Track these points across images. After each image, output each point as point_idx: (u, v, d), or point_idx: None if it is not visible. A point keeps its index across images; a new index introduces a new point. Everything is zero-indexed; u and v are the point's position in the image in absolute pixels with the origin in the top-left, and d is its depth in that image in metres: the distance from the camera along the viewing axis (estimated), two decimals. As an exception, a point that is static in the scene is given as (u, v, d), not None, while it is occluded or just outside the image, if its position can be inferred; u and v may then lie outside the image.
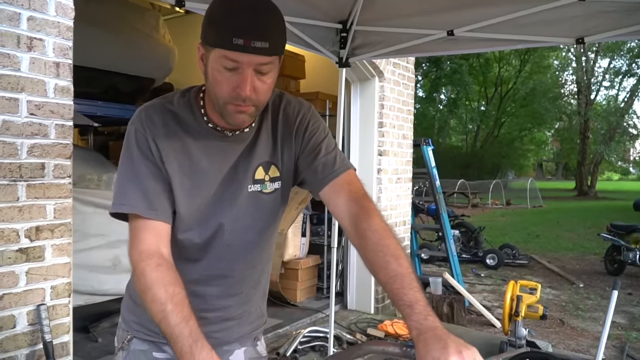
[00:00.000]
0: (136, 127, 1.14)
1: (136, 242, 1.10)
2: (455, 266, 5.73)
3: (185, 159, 1.16)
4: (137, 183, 1.12)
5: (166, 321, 0.99)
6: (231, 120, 1.12)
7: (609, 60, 31.06)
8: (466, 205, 19.47)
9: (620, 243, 7.50)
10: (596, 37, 2.68)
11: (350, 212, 1.14)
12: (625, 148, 34.35)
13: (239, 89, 1.05)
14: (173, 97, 1.20)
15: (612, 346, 4.59)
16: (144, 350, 1.27)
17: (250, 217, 1.23)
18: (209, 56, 1.05)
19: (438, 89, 34.17)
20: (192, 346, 0.95)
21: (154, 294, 1.02)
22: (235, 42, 1.00)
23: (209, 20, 1.04)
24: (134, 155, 1.13)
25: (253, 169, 1.21)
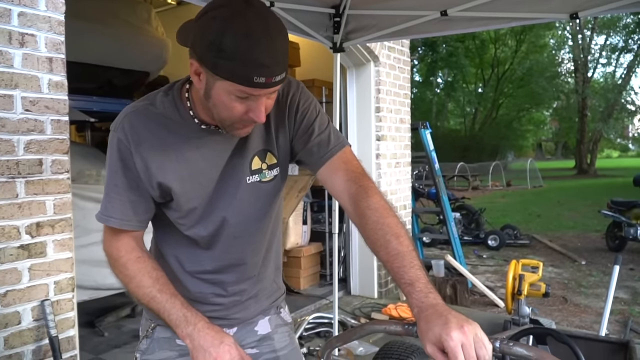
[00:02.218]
0: (119, 136, 1.12)
1: (114, 240, 1.17)
2: (457, 248, 5.74)
3: (177, 162, 1.14)
4: (115, 195, 1.14)
5: (155, 300, 1.09)
6: (236, 133, 1.12)
7: (605, 37, 30.91)
8: (466, 187, 19.47)
9: (621, 219, 7.51)
10: (590, 12, 2.66)
11: (349, 191, 1.14)
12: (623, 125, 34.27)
13: (252, 114, 1.03)
14: (155, 97, 1.16)
15: (615, 321, 4.61)
16: (167, 337, 1.30)
17: (253, 208, 1.23)
18: (213, 82, 1.00)
19: (434, 72, 34.04)
20: (186, 315, 1.06)
21: (139, 281, 1.12)
22: (256, 81, 0.96)
23: (219, 49, 0.93)
24: (114, 166, 1.14)
25: (249, 160, 1.19)
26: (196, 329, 1.05)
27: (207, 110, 1.10)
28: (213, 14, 0.96)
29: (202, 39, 0.96)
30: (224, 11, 0.95)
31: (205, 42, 0.95)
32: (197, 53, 0.99)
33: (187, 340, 1.06)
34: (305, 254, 5.37)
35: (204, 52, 0.97)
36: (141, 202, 1.16)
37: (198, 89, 1.06)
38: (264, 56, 0.94)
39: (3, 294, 2.19)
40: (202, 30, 0.96)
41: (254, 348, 1.37)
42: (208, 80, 1.01)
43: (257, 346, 1.38)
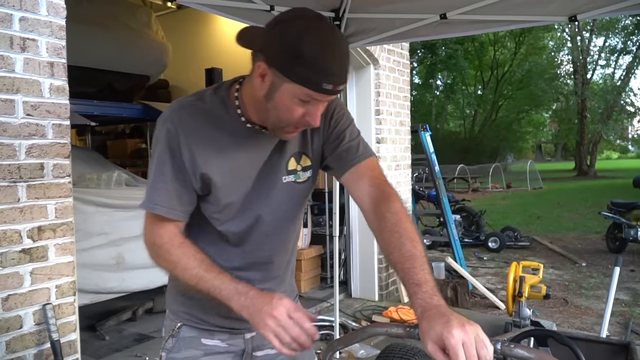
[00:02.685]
0: (168, 127, 1.16)
1: (157, 228, 1.18)
2: (458, 250, 5.75)
3: (221, 157, 1.19)
4: (162, 184, 1.17)
5: (203, 280, 1.10)
6: (284, 137, 1.19)
7: (604, 38, 30.95)
8: (466, 189, 19.48)
9: (621, 221, 7.51)
10: (588, 14, 2.68)
11: (371, 196, 1.21)
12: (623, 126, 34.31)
13: (309, 117, 1.11)
14: (204, 94, 1.22)
15: (616, 323, 4.61)
16: (192, 336, 1.35)
17: (286, 207, 1.29)
18: (281, 84, 1.06)
19: (434, 74, 34.06)
20: (236, 287, 1.07)
21: (185, 264, 1.13)
22: (324, 87, 1.04)
23: (297, 55, 1.01)
24: (162, 157, 1.17)
25: (286, 161, 1.26)
26: (249, 298, 1.06)
27: (258, 111, 1.17)
28: (291, 23, 1.04)
29: (278, 44, 1.03)
30: (302, 22, 1.03)
31: (282, 47, 1.02)
32: (268, 56, 1.05)
33: (244, 311, 1.06)
34: (306, 257, 5.38)
35: (278, 56, 1.03)
36: (186, 193, 1.19)
37: (256, 90, 1.12)
38: (334, 65, 1.03)
39: (5, 298, 2.20)
40: (279, 36, 1.03)
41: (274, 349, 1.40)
42: (274, 82, 1.07)
43: None
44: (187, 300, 1.36)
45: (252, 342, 1.40)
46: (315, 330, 1.02)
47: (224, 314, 1.32)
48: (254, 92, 1.13)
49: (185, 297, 1.36)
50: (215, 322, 1.35)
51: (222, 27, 7.22)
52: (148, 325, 4.36)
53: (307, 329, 1.02)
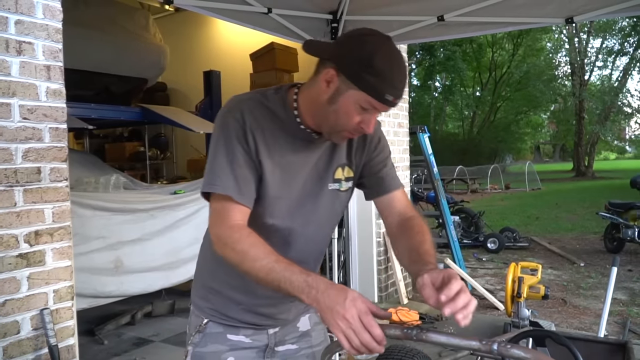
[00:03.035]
0: (236, 117, 1.23)
1: (225, 219, 1.20)
2: (457, 251, 5.75)
3: (277, 153, 1.27)
4: (230, 168, 1.21)
5: (274, 271, 1.11)
6: (337, 140, 1.30)
7: (601, 40, 31.00)
8: (465, 191, 19.49)
9: (618, 221, 7.52)
10: (585, 16, 2.68)
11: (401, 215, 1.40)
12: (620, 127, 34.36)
13: (364, 125, 1.21)
14: (267, 92, 1.30)
15: (614, 322, 4.62)
16: (219, 332, 1.41)
17: (328, 212, 1.39)
18: (346, 90, 1.16)
19: (432, 76, 34.10)
20: (307, 280, 1.07)
21: (255, 254, 1.14)
22: (386, 98, 1.15)
23: (368, 65, 1.12)
24: (230, 142, 1.22)
25: (333, 169, 1.36)
26: (319, 292, 1.05)
27: (315, 115, 1.26)
28: (366, 38, 1.16)
29: (351, 54, 1.14)
30: (377, 38, 1.16)
31: (356, 57, 1.14)
32: (338, 64, 1.16)
33: (315, 304, 1.06)
34: (305, 259, 5.38)
35: (350, 64, 1.14)
36: (251, 181, 1.24)
37: (319, 94, 1.21)
38: (398, 80, 1.15)
39: (2, 303, 2.19)
40: (353, 47, 1.15)
41: (294, 344, 1.50)
42: (340, 87, 1.17)
43: (297, 342, 1.51)
44: (212, 297, 1.41)
45: (275, 337, 1.47)
46: (383, 336, 1.02)
47: (248, 310, 1.40)
48: (316, 96, 1.22)
49: (211, 294, 1.42)
50: (239, 318, 1.41)
51: (220, 30, 7.23)
52: (147, 329, 4.35)
53: (376, 336, 1.02)
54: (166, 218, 4.22)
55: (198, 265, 1.51)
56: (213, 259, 1.37)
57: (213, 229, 1.22)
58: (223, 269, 1.36)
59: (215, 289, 1.42)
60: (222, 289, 1.41)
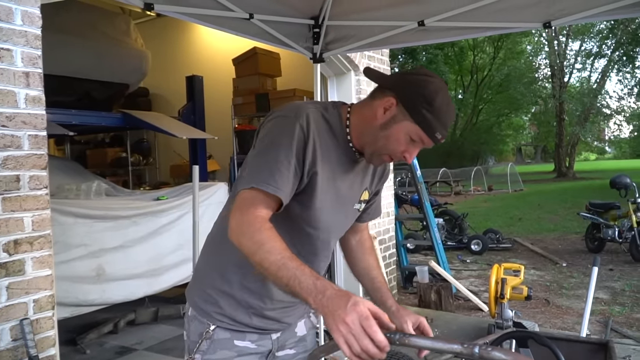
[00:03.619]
0: (300, 123, 1.28)
1: (251, 208, 1.21)
2: (441, 254, 5.78)
3: (328, 167, 1.34)
4: (275, 165, 1.23)
5: (286, 267, 1.11)
6: (375, 162, 1.40)
7: (580, 42, 31.51)
8: (449, 193, 19.63)
9: (599, 221, 7.64)
10: (562, 21, 2.72)
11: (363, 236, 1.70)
12: (600, 128, 34.91)
13: (407, 154, 1.32)
14: (327, 106, 1.38)
15: (596, 322, 4.68)
16: (227, 338, 1.42)
17: (345, 226, 1.52)
18: (401, 120, 1.27)
19: (415, 79, 34.32)
20: (315, 283, 1.07)
21: (271, 247, 1.14)
22: (436, 135, 1.27)
23: (429, 103, 1.24)
24: (286, 144, 1.26)
25: (362, 191, 1.48)
26: (325, 297, 1.05)
27: (362, 135, 1.35)
28: (428, 78, 1.27)
29: (414, 90, 1.26)
30: (437, 81, 1.28)
31: (419, 93, 1.25)
32: (399, 95, 1.27)
33: (320, 309, 1.06)
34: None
35: (412, 98, 1.25)
36: (293, 183, 1.27)
37: (374, 118, 1.31)
38: (449, 122, 1.28)
39: (-19, 313, 2.15)
40: (417, 84, 1.26)
41: (292, 349, 1.56)
42: (396, 116, 1.28)
43: (295, 347, 1.56)
44: (222, 300, 1.41)
45: (277, 342, 1.51)
46: (386, 343, 0.99)
47: (257, 315, 1.42)
48: (370, 118, 1.32)
49: (221, 297, 1.42)
50: (247, 322, 1.42)
51: (202, 35, 7.21)
52: (130, 338, 4.31)
53: (378, 341, 0.99)
54: (149, 224, 4.18)
55: (203, 269, 1.50)
56: (228, 262, 1.41)
57: (235, 215, 1.21)
58: (240, 271, 1.39)
59: (228, 292, 1.41)
60: (236, 292, 1.41)
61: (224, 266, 1.43)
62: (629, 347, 3.97)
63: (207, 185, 4.80)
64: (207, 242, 1.54)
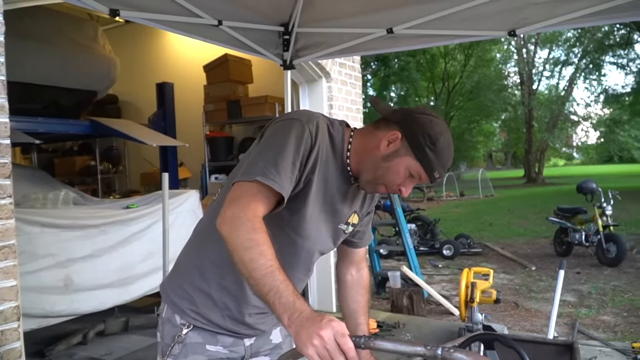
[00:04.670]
0: (311, 130, 1.30)
1: (254, 203, 1.20)
2: (413, 259, 5.84)
3: (324, 178, 1.36)
4: (281, 164, 1.23)
5: (272, 276, 1.09)
6: (369, 190, 1.44)
7: (548, 50, 32.33)
8: (422, 199, 19.82)
9: (567, 225, 7.82)
10: (527, 29, 2.80)
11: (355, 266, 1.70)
12: (568, 134, 35.78)
13: (403, 187, 1.37)
14: (334, 122, 1.42)
15: (564, 324, 4.79)
16: (199, 342, 1.41)
17: (330, 245, 1.52)
18: (404, 154, 1.32)
19: (388, 86, 34.67)
20: (295, 302, 1.05)
21: (264, 250, 1.12)
22: (434, 174, 1.33)
23: (432, 143, 1.30)
24: (291, 143, 1.26)
25: (350, 214, 1.49)
26: (301, 317, 1.03)
27: (361, 163, 1.38)
28: (434, 119, 1.34)
29: (420, 129, 1.30)
30: (441, 122, 1.35)
31: (425, 132, 1.30)
32: (405, 131, 1.32)
33: (292, 327, 1.03)
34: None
35: (417, 136, 1.30)
36: (293, 185, 1.27)
37: (376, 148, 1.35)
38: (447, 163, 1.34)
39: (-60, 326, 2.08)
40: (423, 124, 1.31)
41: (267, 356, 1.56)
42: (399, 150, 1.32)
43: (270, 354, 1.56)
44: (199, 299, 1.40)
45: (251, 349, 1.50)
46: (357, 358, 1.00)
47: (232, 318, 1.42)
48: (373, 148, 1.35)
49: (198, 295, 1.40)
50: (221, 324, 1.42)
51: (172, 41, 7.15)
52: (100, 348, 4.22)
53: (350, 357, 0.99)
54: (118, 233, 4.12)
55: (182, 264, 1.48)
56: (208, 260, 1.40)
57: (233, 206, 1.18)
58: (218, 271, 1.38)
59: (205, 290, 1.40)
60: (213, 291, 1.40)
61: (203, 263, 1.42)
62: (595, 348, 4.07)
63: (178, 193, 4.75)
64: (192, 236, 1.52)
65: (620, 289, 5.94)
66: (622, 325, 4.69)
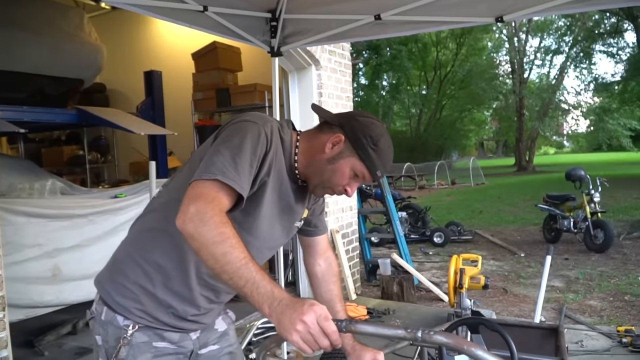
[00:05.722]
0: (266, 132, 1.33)
1: (218, 200, 1.19)
2: (403, 246, 5.86)
3: (277, 178, 1.39)
4: (242, 167, 1.24)
5: (247, 267, 1.09)
6: (317, 194, 1.48)
7: (539, 39, 32.37)
8: (413, 187, 19.90)
9: (555, 212, 7.88)
10: (514, 15, 2.79)
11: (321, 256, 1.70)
12: (558, 123, 35.89)
13: (348, 187, 1.42)
14: (283, 123, 1.45)
15: (551, 309, 4.84)
16: (145, 342, 1.39)
17: (283, 241, 1.56)
18: (348, 156, 1.37)
19: (379, 75, 34.63)
20: (273, 290, 1.06)
21: (235, 243, 1.12)
22: (377, 174, 1.39)
23: (374, 143, 1.36)
24: (248, 145, 1.27)
25: (302, 211, 1.54)
26: (281, 305, 1.03)
27: (309, 166, 1.42)
28: (374, 121, 1.41)
29: (362, 130, 1.37)
30: (381, 125, 1.42)
31: (367, 133, 1.36)
32: (348, 133, 1.37)
33: (273, 317, 1.04)
34: (253, 260, 5.33)
35: (360, 137, 1.36)
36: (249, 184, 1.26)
37: (321, 151, 1.39)
38: (389, 163, 1.41)
39: None
40: (364, 126, 1.37)
41: (216, 344, 1.58)
42: (343, 152, 1.38)
43: (218, 342, 1.58)
44: (144, 298, 1.38)
45: (199, 341, 1.52)
46: (340, 341, 1.03)
47: (177, 316, 1.42)
48: (318, 151, 1.40)
49: (143, 294, 1.38)
50: (166, 321, 1.41)
51: (160, 29, 7.08)
52: (89, 339, 4.15)
53: (333, 340, 1.02)
54: (106, 223, 4.09)
55: (124, 261, 1.44)
56: (153, 259, 1.38)
57: (196, 203, 1.15)
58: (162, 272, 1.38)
59: (150, 290, 1.39)
60: (159, 292, 1.39)
61: (148, 262, 1.39)
62: (581, 332, 4.11)
63: (167, 182, 4.72)
64: (132, 234, 1.49)
65: (607, 274, 6.00)
66: (608, 310, 4.74)
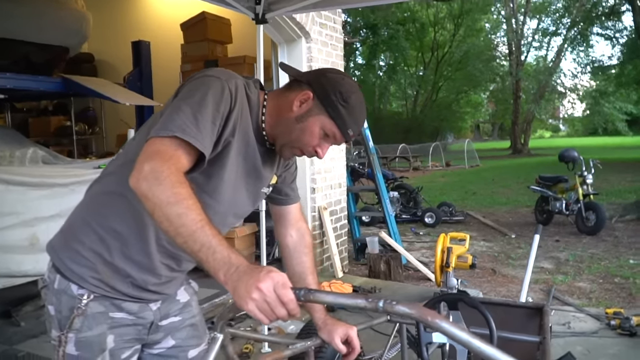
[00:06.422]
0: (231, 89, 1.24)
1: (176, 158, 1.10)
2: (392, 225, 5.81)
3: (242, 139, 1.31)
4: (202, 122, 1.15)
5: (203, 231, 1.01)
6: (285, 155, 1.39)
7: (537, 21, 32.08)
8: (408, 168, 19.85)
9: (548, 194, 7.83)
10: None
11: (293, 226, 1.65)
12: (554, 106, 35.86)
13: (319, 149, 1.34)
14: (249, 82, 1.35)
15: (540, 290, 4.81)
16: (101, 312, 1.31)
17: (249, 209, 1.49)
18: (317, 114, 1.29)
19: (376, 55, 34.31)
20: (230, 256, 0.99)
21: (192, 204, 1.04)
22: (349, 132, 1.31)
23: (344, 99, 1.28)
24: (210, 101, 1.18)
25: (271, 176, 1.46)
26: (238, 272, 0.97)
27: (277, 126, 1.33)
28: (345, 77, 1.33)
29: (332, 87, 1.28)
30: (352, 81, 1.33)
31: (336, 90, 1.28)
32: (317, 90, 1.29)
33: (229, 284, 0.98)
34: (239, 235, 5.26)
35: (329, 94, 1.28)
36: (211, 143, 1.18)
37: (289, 109, 1.31)
38: (361, 120, 1.34)
39: None
40: (334, 82, 1.29)
41: (177, 316, 1.51)
42: (312, 110, 1.29)
43: (180, 313, 1.52)
44: (101, 266, 1.30)
45: (159, 312, 1.44)
46: (298, 310, 0.97)
47: (136, 285, 1.34)
48: (286, 109, 1.32)
49: (100, 263, 1.30)
50: (124, 291, 1.33)
51: (148, -1, 6.90)
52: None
53: (290, 310, 0.96)
54: (88, 193, 4.00)
55: (79, 226, 1.35)
56: (110, 226, 1.30)
57: (151, 161, 1.07)
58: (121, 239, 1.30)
59: (107, 259, 1.30)
60: (117, 260, 1.31)
61: (105, 229, 1.31)
62: (569, 313, 4.09)
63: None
64: (88, 198, 1.39)
65: (597, 256, 5.98)
66: (597, 292, 4.72)
